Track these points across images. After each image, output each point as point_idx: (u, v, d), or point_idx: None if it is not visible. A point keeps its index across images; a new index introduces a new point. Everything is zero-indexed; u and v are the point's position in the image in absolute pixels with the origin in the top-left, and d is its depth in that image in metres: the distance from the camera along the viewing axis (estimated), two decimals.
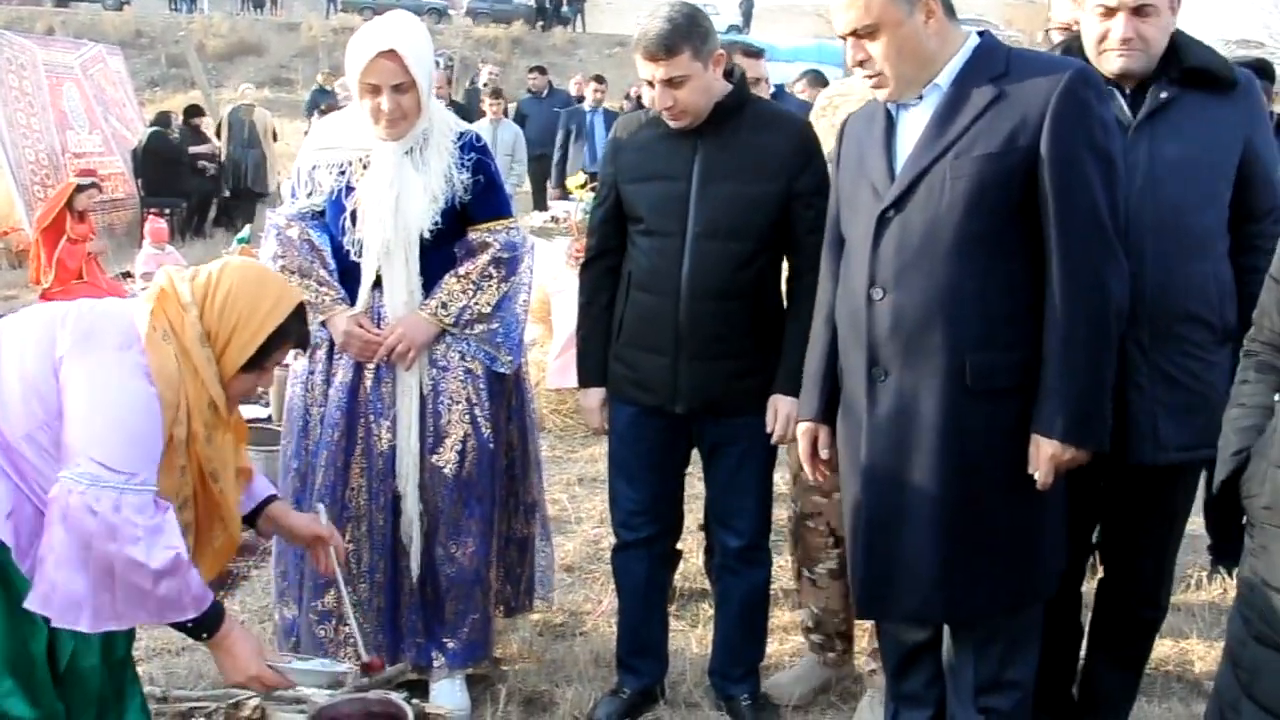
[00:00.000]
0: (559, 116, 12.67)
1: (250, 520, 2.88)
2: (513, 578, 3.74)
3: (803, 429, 2.92)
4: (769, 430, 3.18)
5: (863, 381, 2.62)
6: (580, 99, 13.39)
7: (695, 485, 3.67)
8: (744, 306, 3.16)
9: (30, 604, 2.30)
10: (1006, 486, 2.54)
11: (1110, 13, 2.76)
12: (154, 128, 14.14)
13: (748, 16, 40.76)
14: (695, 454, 3.45)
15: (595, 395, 3.41)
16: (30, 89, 12.79)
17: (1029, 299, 2.48)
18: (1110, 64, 2.78)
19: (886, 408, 2.58)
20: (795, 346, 3.12)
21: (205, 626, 2.48)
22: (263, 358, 2.59)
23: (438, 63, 4.40)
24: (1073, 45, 2.88)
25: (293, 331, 2.64)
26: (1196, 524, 5.30)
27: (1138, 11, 2.73)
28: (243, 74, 30.72)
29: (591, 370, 3.41)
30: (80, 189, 9.54)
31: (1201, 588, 4.49)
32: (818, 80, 7.95)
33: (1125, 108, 2.78)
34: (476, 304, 3.34)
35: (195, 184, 14.15)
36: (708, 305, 3.14)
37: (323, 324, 3.33)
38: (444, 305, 3.32)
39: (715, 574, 3.56)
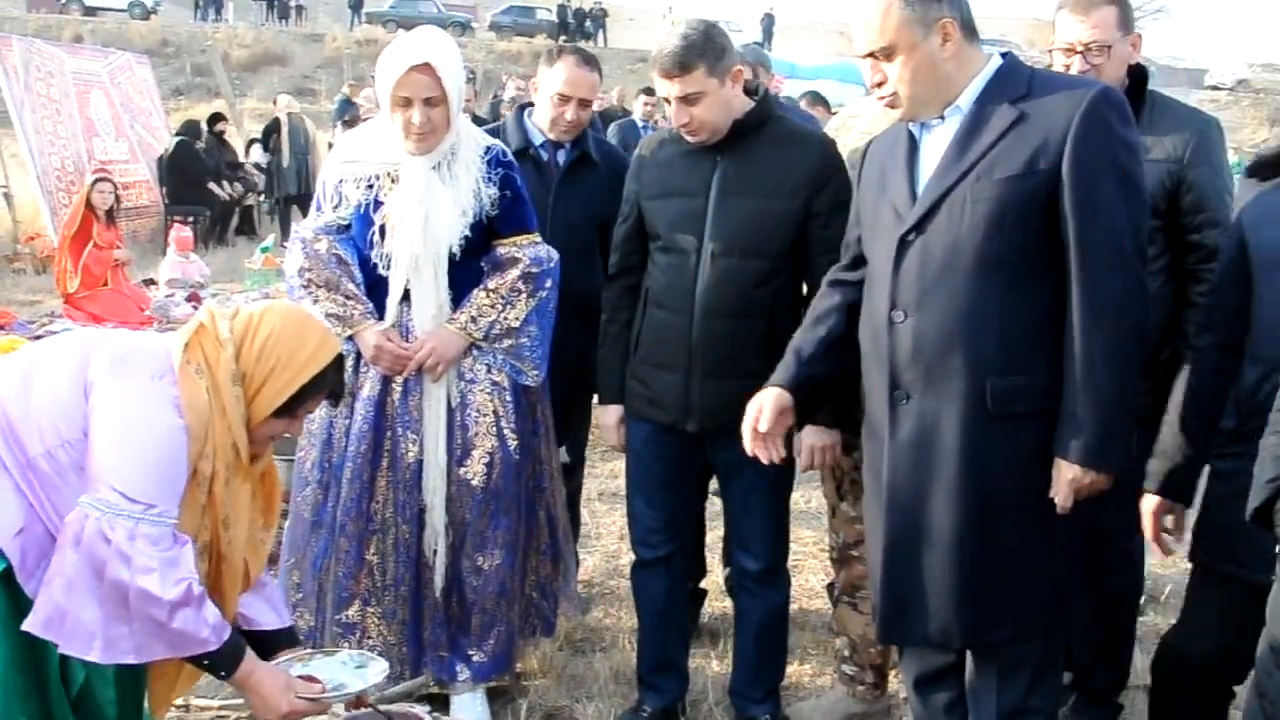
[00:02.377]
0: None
1: (256, 648, 2.63)
2: (548, 594, 3.72)
3: (766, 394, 2.78)
4: (792, 457, 3.13)
5: (885, 404, 2.59)
6: (605, 114, 13.39)
7: (716, 501, 3.65)
8: (758, 325, 3.11)
9: (30, 626, 2.26)
10: (1028, 512, 2.50)
11: None
12: (180, 137, 14.24)
13: (768, 33, 40.84)
14: None
15: (614, 412, 3.41)
16: (58, 96, 12.92)
17: (1051, 322, 2.45)
18: None
19: (908, 431, 2.55)
20: None
21: (224, 663, 2.43)
22: (295, 405, 2.57)
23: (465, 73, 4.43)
24: None
25: (329, 381, 2.62)
26: None
27: None
28: (267, 84, 30.92)
29: (610, 387, 3.40)
30: (94, 185, 9.56)
31: None
32: (816, 101, 8.06)
33: None
34: (506, 319, 3.34)
35: (218, 193, 14.25)
36: (721, 323, 3.11)
37: (350, 338, 3.33)
38: (474, 319, 3.32)
39: (734, 594, 3.54)
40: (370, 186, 3.32)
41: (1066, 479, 2.43)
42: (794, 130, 3.25)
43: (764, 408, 2.77)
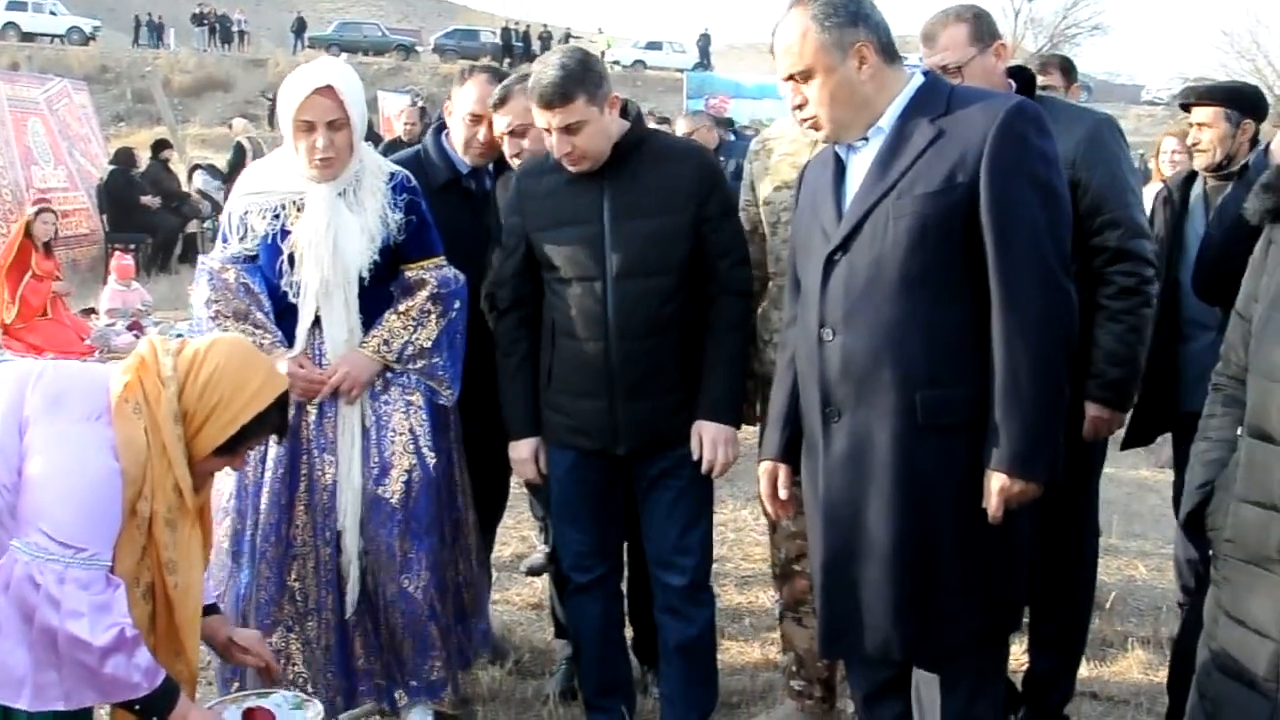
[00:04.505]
0: None
1: None
2: (467, 626, 3.66)
3: (763, 468, 2.88)
4: (695, 457, 3.16)
5: (818, 421, 2.61)
6: None
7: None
8: (673, 340, 3.15)
9: None
10: (963, 523, 2.50)
11: None
12: (114, 166, 14.08)
13: (705, 53, 41.04)
14: None
15: (527, 446, 3.34)
16: None
17: (977, 334, 2.46)
18: None
19: (841, 447, 2.57)
20: (714, 371, 3.15)
21: (156, 708, 2.36)
22: (237, 443, 2.53)
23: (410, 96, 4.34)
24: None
25: (271, 420, 2.58)
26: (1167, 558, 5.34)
27: None
28: (210, 110, 30.72)
29: (521, 422, 3.34)
30: (36, 215, 9.42)
31: (1172, 623, 4.48)
32: (723, 124, 8.31)
33: None
34: (418, 339, 3.33)
35: (160, 220, 14.10)
36: (637, 344, 3.13)
37: None
38: (386, 342, 3.31)
39: (655, 619, 3.43)
40: (276, 216, 3.30)
41: (995, 488, 2.44)
42: (669, 145, 3.33)
43: (769, 483, 2.85)
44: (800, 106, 2.58)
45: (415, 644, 3.38)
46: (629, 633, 3.69)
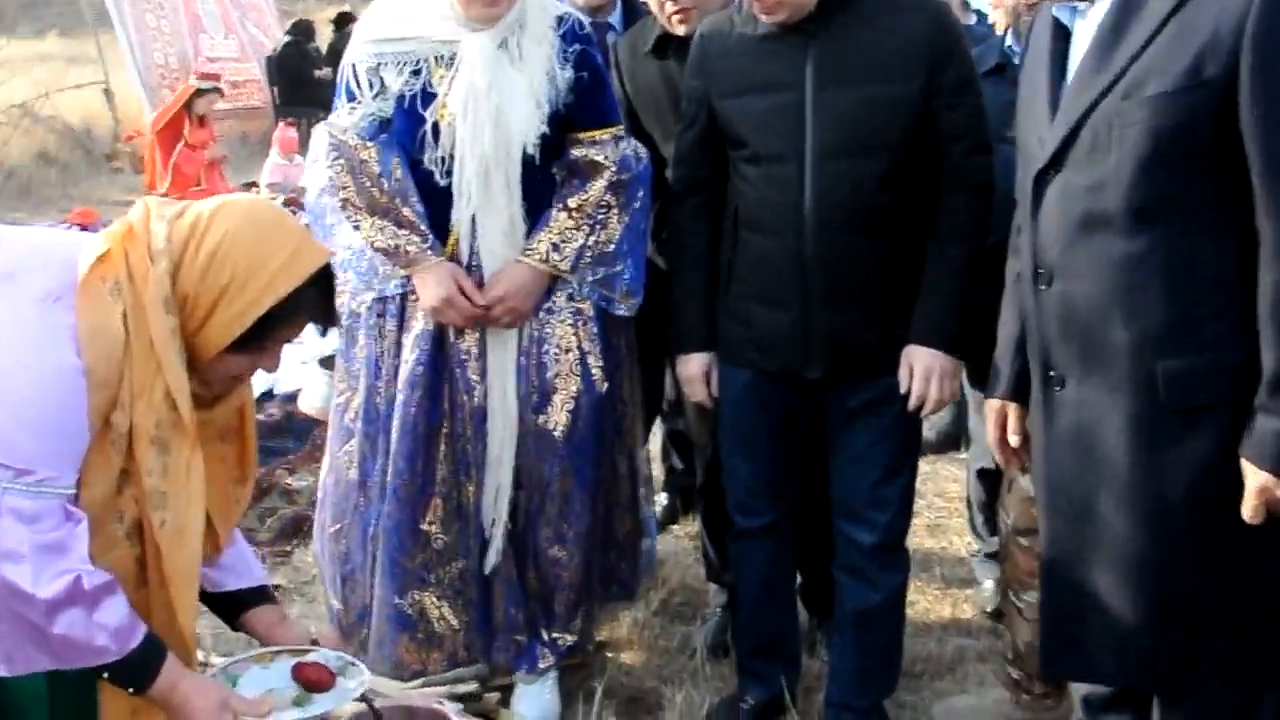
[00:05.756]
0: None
1: (224, 611, 2.19)
2: (628, 554, 3.14)
3: (989, 406, 2.39)
4: (904, 390, 2.62)
5: (1040, 387, 2.16)
6: None
7: None
8: (885, 239, 2.61)
9: None
10: (1222, 530, 1.98)
11: None
12: (289, 37, 13.91)
13: None
14: None
15: (698, 362, 2.82)
16: None
17: (1238, 283, 1.92)
18: None
19: (1066, 423, 2.10)
20: (936, 286, 2.61)
21: (132, 677, 1.85)
22: (261, 334, 1.90)
23: None
24: None
25: (307, 304, 1.94)
26: None
27: None
28: None
29: (692, 332, 2.83)
30: (200, 93, 9.21)
31: None
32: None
33: None
34: (597, 243, 2.76)
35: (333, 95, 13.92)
36: (840, 242, 2.58)
37: (406, 278, 2.74)
38: (556, 247, 2.72)
39: (833, 576, 2.89)
40: (416, 72, 2.69)
41: (1253, 488, 1.90)
42: None
43: (997, 427, 2.38)
44: None
45: (569, 595, 2.91)
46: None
